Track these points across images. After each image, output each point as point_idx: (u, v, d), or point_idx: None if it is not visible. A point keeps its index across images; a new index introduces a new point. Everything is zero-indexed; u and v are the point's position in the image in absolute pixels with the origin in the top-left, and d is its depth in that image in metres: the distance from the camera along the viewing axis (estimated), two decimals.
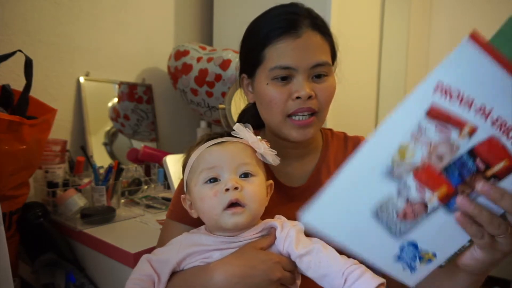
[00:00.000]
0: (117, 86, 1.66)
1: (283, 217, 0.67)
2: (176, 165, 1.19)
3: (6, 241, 0.80)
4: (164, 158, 1.23)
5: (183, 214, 0.72)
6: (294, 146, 0.78)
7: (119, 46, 1.64)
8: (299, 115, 0.70)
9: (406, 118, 0.42)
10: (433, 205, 0.47)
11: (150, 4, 1.75)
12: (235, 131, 0.67)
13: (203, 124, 1.75)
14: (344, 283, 0.55)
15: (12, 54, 1.04)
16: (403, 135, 0.43)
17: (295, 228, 0.62)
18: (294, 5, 0.74)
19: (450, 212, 0.47)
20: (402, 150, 0.44)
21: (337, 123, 1.34)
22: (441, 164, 0.44)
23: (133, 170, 1.47)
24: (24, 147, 0.99)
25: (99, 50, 1.58)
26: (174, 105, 1.87)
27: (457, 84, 0.39)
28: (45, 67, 1.41)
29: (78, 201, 1.17)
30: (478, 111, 0.40)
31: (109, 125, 1.65)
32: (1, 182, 0.98)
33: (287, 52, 0.69)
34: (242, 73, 0.79)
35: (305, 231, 0.63)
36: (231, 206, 0.61)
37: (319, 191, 0.47)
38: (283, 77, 0.70)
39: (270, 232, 0.64)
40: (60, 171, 1.29)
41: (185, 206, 0.69)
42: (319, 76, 0.71)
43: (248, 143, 0.66)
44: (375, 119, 1.96)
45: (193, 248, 0.63)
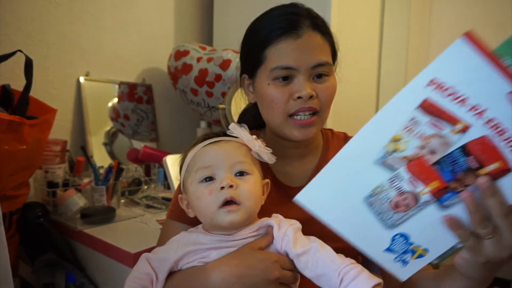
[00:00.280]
0: (117, 86, 1.66)
1: (280, 216, 0.67)
2: (176, 165, 1.18)
3: (6, 241, 0.80)
4: (164, 158, 1.23)
5: (183, 213, 0.72)
6: (294, 146, 0.78)
7: (119, 46, 1.64)
8: (300, 115, 0.70)
9: (400, 109, 0.42)
10: (425, 198, 0.47)
11: (150, 4, 1.75)
12: (231, 130, 0.67)
13: (203, 124, 1.75)
14: (340, 283, 0.55)
15: (12, 54, 1.04)
16: (396, 126, 0.43)
17: (292, 227, 0.62)
18: (294, 5, 0.74)
19: (442, 209, 0.47)
20: (395, 140, 0.44)
21: (337, 123, 1.34)
22: (433, 158, 0.44)
23: (133, 170, 1.47)
24: (24, 147, 0.99)
25: (99, 50, 1.58)
26: (174, 105, 1.87)
27: (452, 81, 0.39)
28: (45, 67, 1.41)
29: (78, 201, 1.17)
30: (472, 110, 0.40)
31: (109, 125, 1.65)
32: (1, 182, 0.98)
33: (287, 53, 0.69)
34: (243, 73, 0.79)
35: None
36: (226, 204, 0.61)
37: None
38: (284, 77, 0.70)
39: (268, 231, 0.64)
40: (60, 171, 1.29)
41: (182, 206, 0.70)
42: (320, 76, 0.71)
43: (243, 142, 0.67)
44: None
45: (190, 247, 0.63)
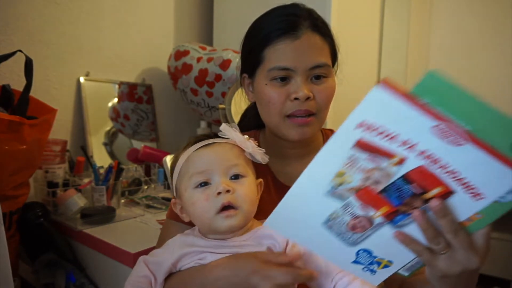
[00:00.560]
0: (117, 86, 1.66)
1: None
2: None
3: (6, 241, 0.80)
4: (164, 158, 1.23)
5: None
6: (293, 146, 0.78)
7: (119, 46, 1.64)
8: (297, 115, 0.70)
9: (337, 150, 0.45)
10: (378, 220, 0.49)
11: (150, 4, 1.75)
12: (222, 131, 0.67)
13: (203, 124, 1.76)
14: None
15: (12, 54, 1.04)
16: (337, 164, 0.45)
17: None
18: (295, 6, 0.74)
19: (397, 228, 0.50)
20: (340, 175, 0.46)
21: (337, 123, 1.34)
22: (379, 187, 0.46)
23: (133, 170, 1.47)
24: (24, 147, 0.99)
25: (99, 50, 1.58)
26: (174, 105, 1.87)
27: (379, 122, 0.41)
28: (45, 67, 1.41)
29: (78, 201, 1.17)
30: (403, 145, 0.42)
31: (109, 125, 1.65)
32: (1, 182, 0.98)
33: (286, 53, 0.69)
34: (243, 72, 0.80)
35: None
36: (224, 209, 0.61)
37: None
38: (282, 78, 0.70)
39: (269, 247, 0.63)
40: (60, 171, 1.29)
41: (175, 211, 0.69)
42: (318, 77, 0.71)
43: (235, 143, 0.66)
44: None
45: (186, 249, 0.63)
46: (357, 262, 0.54)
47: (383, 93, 0.39)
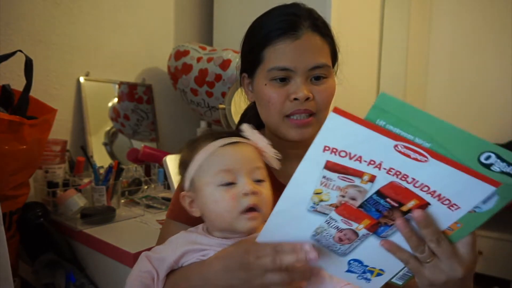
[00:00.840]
0: (117, 86, 1.66)
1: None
2: (176, 165, 1.19)
3: (6, 241, 0.80)
4: (164, 158, 1.23)
5: (183, 213, 0.71)
6: (293, 146, 0.78)
7: (119, 46, 1.64)
8: (296, 115, 0.70)
9: (310, 171, 0.46)
10: (362, 232, 0.51)
11: (150, 4, 1.75)
12: (243, 132, 0.65)
13: (203, 124, 1.76)
14: None
15: (12, 54, 1.04)
16: (313, 183, 0.47)
17: None
18: (295, 5, 0.74)
19: (382, 238, 0.51)
20: (317, 193, 0.48)
21: None
22: (356, 203, 0.47)
23: (133, 170, 1.47)
24: (24, 147, 0.99)
25: (99, 50, 1.58)
26: (174, 105, 1.87)
27: (341, 146, 0.43)
28: (45, 67, 1.41)
29: (78, 201, 1.17)
30: (370, 164, 0.43)
31: (109, 125, 1.65)
32: (1, 182, 0.98)
33: (285, 53, 0.68)
34: (242, 72, 0.79)
35: None
36: (248, 210, 0.60)
37: None
38: (281, 78, 0.70)
39: None
40: (60, 171, 1.29)
41: (184, 204, 0.67)
42: (318, 78, 0.71)
43: (256, 145, 0.65)
44: None
45: (189, 246, 0.63)
46: (350, 271, 0.56)
47: (339, 119, 0.40)
